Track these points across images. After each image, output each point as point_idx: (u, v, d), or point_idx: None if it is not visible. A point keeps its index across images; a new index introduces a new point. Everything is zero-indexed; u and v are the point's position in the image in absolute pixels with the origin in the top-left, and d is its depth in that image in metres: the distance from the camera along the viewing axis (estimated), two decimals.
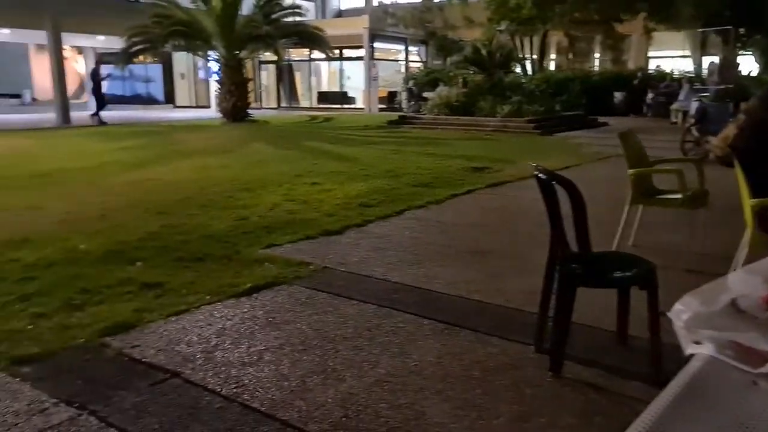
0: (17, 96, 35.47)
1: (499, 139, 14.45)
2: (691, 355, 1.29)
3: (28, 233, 5.37)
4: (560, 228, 2.80)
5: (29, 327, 3.33)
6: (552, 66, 27.24)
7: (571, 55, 27.73)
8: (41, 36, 20.73)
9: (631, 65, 25.02)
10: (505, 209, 6.65)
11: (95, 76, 20.88)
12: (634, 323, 3.13)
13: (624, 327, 3.08)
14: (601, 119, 18.77)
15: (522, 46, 24.56)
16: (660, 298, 2.73)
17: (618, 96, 21.67)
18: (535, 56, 24.88)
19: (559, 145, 13.41)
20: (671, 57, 25.05)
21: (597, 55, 27.35)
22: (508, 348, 3.12)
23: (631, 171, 4.51)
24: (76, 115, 20.49)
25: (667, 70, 23.18)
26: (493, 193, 7.55)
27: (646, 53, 25.57)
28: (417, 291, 4.00)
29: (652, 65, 24.73)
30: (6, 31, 22.80)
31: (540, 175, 2.77)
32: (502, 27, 22.78)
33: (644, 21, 22.06)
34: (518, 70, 24.00)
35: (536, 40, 24.50)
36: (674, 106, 18.07)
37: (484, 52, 19.71)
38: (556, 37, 26.65)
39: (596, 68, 25.95)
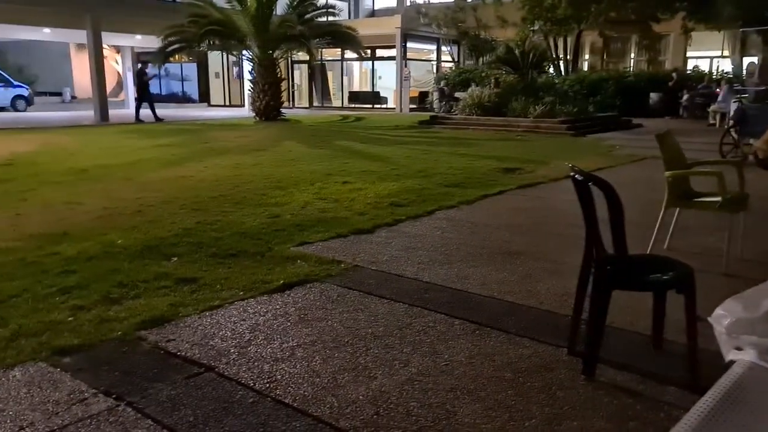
0: (58, 94, 36.45)
1: (531, 140, 14.33)
2: (732, 362, 1.27)
3: (67, 227, 5.52)
4: (596, 230, 2.77)
5: (69, 319, 3.42)
6: (586, 66, 26.88)
7: (605, 56, 27.33)
8: (81, 35, 21.24)
9: (668, 66, 24.56)
10: (537, 210, 6.59)
11: (142, 76, 21.37)
12: (669, 327, 3.08)
13: (659, 331, 3.03)
14: (636, 121, 18.48)
15: (556, 46, 24.29)
16: (697, 302, 2.69)
17: (654, 97, 21.30)
18: (568, 57, 24.58)
19: (592, 146, 13.23)
20: (710, 57, 24.52)
21: (632, 55, 26.90)
22: (540, 350, 3.09)
23: (668, 173, 4.42)
24: (114, 112, 20.94)
25: (706, 71, 22.71)
26: (525, 194, 7.49)
27: (684, 53, 25.06)
28: (448, 291, 3.99)
29: (690, 66, 24.25)
30: (48, 30, 23.39)
31: (576, 176, 2.74)
32: (536, 27, 22.56)
33: (683, 20, 21.60)
34: (551, 70, 23.75)
35: (570, 40, 24.20)
36: (712, 107, 17.71)
37: (517, 52, 19.53)
38: (590, 37, 26.29)
39: (631, 69, 25.52)
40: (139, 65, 21.64)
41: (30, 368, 2.85)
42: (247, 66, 23.11)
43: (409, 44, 27.94)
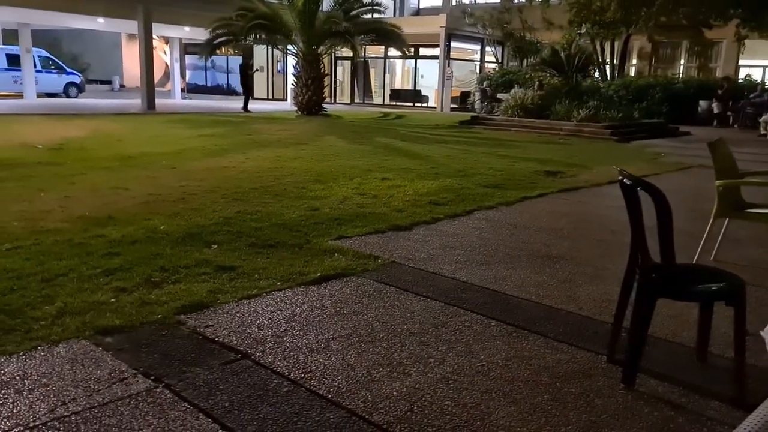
0: (108, 82, 37.44)
1: (573, 144, 14.11)
2: None
3: (113, 211, 5.65)
4: (642, 236, 2.70)
5: (112, 300, 3.50)
6: (632, 71, 26.32)
7: (653, 61, 26.70)
8: (133, 26, 21.75)
9: (718, 73, 23.86)
10: (578, 215, 6.48)
11: (246, 69, 21.91)
12: (714, 340, 2.99)
13: (704, 343, 2.94)
14: (683, 128, 18.01)
15: (602, 50, 23.83)
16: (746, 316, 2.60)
17: (703, 105, 20.75)
18: (615, 61, 24.09)
19: (637, 152, 12.95)
20: (763, 66, 23.74)
21: (682, 61, 26.21)
22: (578, 356, 3.03)
23: (719, 182, 4.29)
24: (160, 102, 21.38)
25: (758, 80, 22.00)
26: (566, 198, 7.37)
27: (737, 61, 24.31)
28: (485, 291, 3.95)
29: (742, 74, 23.52)
30: (102, 20, 24.02)
31: (624, 180, 2.68)
32: (583, 30, 22.17)
33: (736, 27, 20.94)
34: (596, 74, 23.32)
35: (618, 44, 23.71)
36: (764, 117, 17.16)
37: (562, 54, 19.28)
38: (638, 42, 25.72)
39: (680, 75, 24.87)
40: (243, 58, 22.45)
41: (74, 345, 2.93)
42: (291, 61, 23.32)
43: (453, 44, 27.79)
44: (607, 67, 24.00)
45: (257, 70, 22.42)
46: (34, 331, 3.04)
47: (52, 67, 27.37)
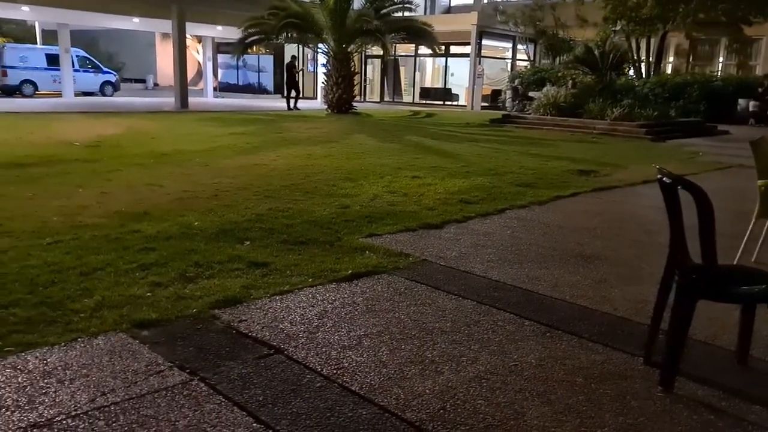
0: (142, 81, 38.13)
1: (607, 143, 13.90)
2: None
3: (148, 208, 5.75)
4: (681, 236, 2.65)
5: (148, 294, 3.56)
6: (669, 69, 25.79)
7: (691, 58, 26.12)
8: (167, 25, 22.09)
9: (758, 71, 23.24)
10: (612, 214, 6.37)
11: (291, 69, 22.27)
12: (756, 343, 2.92)
13: (745, 346, 2.87)
14: (722, 127, 17.59)
15: (638, 47, 23.41)
16: None
17: (742, 103, 20.23)
18: (651, 58, 23.63)
19: (673, 151, 12.69)
20: None
21: (720, 59, 25.59)
22: (614, 357, 2.98)
23: (761, 181, 4.18)
24: (193, 100, 21.68)
25: None
26: (599, 198, 7.26)
27: None
28: (518, 291, 3.91)
29: None
30: (137, 20, 24.46)
31: (664, 178, 2.62)
32: (618, 27, 21.80)
33: None
34: (631, 72, 22.91)
35: (654, 41, 23.26)
36: None
37: (596, 52, 18.96)
38: (675, 39, 25.19)
39: (719, 73, 24.28)
40: (291, 58, 22.98)
41: (111, 338, 2.98)
42: (321, 59, 23.44)
43: (484, 41, 27.58)
44: (643, 65, 23.57)
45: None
46: (74, 323, 3.11)
47: (89, 66, 27.98)
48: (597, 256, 4.73)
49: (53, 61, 25.74)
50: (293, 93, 22.39)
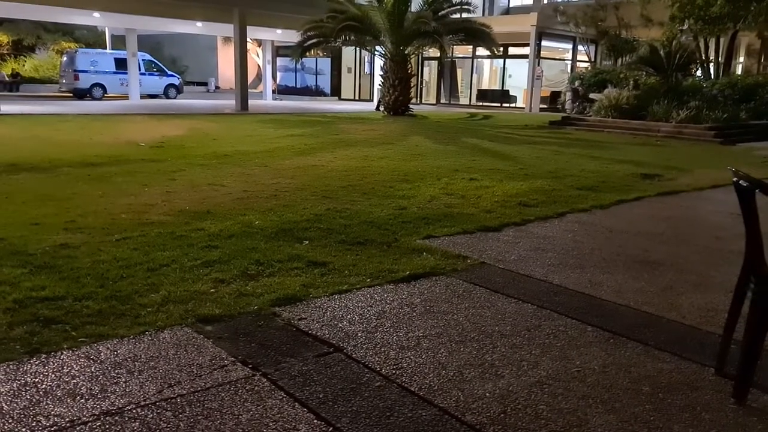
0: (204, 84, 39.27)
1: (672, 146, 13.44)
2: None
3: (211, 207, 5.91)
4: (758, 242, 2.52)
5: (211, 290, 3.65)
6: (739, 70, 24.72)
7: (763, 59, 24.97)
8: (228, 29, 22.69)
9: None
10: (678, 220, 6.15)
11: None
12: None
13: None
14: None
15: (706, 47, 22.53)
16: None
17: None
18: (720, 59, 22.70)
19: (743, 155, 12.16)
20: None
21: None
22: (682, 366, 2.87)
23: None
24: (252, 103, 22.17)
25: None
26: (664, 202, 7.02)
27: None
28: (580, 296, 3.82)
29: None
30: (200, 24, 25.22)
31: (740, 181, 2.51)
32: (685, 26, 21.04)
33: None
34: (698, 73, 22.07)
35: (723, 41, 22.33)
36: None
37: (662, 52, 18.38)
38: (747, 38, 24.14)
39: None
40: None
41: (177, 332, 3.07)
42: (378, 61, 23.57)
43: (544, 42, 27.14)
44: (711, 66, 22.67)
45: (347, 71, 23.01)
46: (142, 317, 3.22)
47: (154, 69, 29.02)
48: (663, 263, 4.57)
49: (121, 65, 26.84)
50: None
